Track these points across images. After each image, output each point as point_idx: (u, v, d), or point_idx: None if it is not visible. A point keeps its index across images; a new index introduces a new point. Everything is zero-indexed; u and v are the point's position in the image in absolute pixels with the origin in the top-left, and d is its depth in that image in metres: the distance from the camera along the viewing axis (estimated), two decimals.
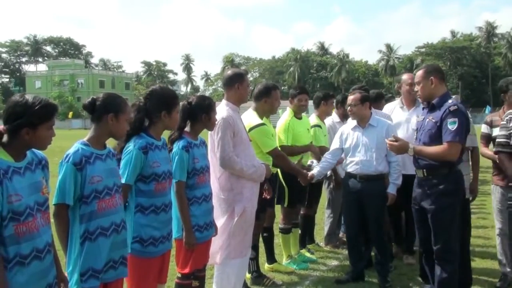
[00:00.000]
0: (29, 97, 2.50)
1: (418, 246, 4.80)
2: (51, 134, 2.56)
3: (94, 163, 2.91)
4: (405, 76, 6.01)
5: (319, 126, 6.27)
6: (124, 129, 3.13)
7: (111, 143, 3.23)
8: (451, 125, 4.01)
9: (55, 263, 2.69)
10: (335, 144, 5.36)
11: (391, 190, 5.07)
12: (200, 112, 3.93)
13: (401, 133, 5.43)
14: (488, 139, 5.09)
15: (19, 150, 2.49)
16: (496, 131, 4.79)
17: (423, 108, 4.51)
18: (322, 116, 6.44)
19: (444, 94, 4.23)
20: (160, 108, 3.47)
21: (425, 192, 4.22)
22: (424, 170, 4.21)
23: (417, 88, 4.34)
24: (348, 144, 5.17)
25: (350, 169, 5.14)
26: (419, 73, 4.33)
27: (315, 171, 5.25)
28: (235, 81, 4.43)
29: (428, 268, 4.44)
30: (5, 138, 2.45)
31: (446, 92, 4.28)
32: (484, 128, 5.17)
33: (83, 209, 2.88)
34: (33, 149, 2.60)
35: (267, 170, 4.45)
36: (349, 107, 5.17)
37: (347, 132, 5.26)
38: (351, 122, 5.34)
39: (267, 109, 5.07)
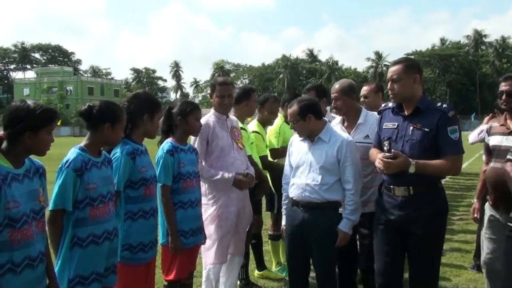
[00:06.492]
0: (30, 102, 2.53)
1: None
2: (50, 139, 2.57)
3: (91, 170, 2.92)
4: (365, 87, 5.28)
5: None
6: (120, 137, 3.16)
7: None
8: (453, 134, 3.39)
9: (49, 272, 2.67)
10: (287, 162, 4.17)
11: (343, 227, 3.78)
12: (176, 115, 3.96)
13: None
14: (488, 150, 4.04)
15: (18, 157, 2.48)
16: (493, 140, 3.93)
17: (392, 111, 3.68)
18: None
19: (423, 95, 3.59)
20: (143, 111, 3.48)
21: (412, 213, 3.47)
22: (411, 187, 3.46)
23: (392, 86, 3.53)
24: (294, 158, 4.00)
25: (292, 194, 3.94)
26: (397, 68, 3.53)
27: None
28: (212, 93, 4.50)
29: None
30: (4, 144, 2.45)
31: (423, 92, 3.63)
32: (485, 139, 4.18)
33: (75, 214, 2.87)
34: (31, 158, 2.59)
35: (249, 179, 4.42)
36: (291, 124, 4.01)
37: (295, 144, 4.08)
38: None
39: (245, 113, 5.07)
